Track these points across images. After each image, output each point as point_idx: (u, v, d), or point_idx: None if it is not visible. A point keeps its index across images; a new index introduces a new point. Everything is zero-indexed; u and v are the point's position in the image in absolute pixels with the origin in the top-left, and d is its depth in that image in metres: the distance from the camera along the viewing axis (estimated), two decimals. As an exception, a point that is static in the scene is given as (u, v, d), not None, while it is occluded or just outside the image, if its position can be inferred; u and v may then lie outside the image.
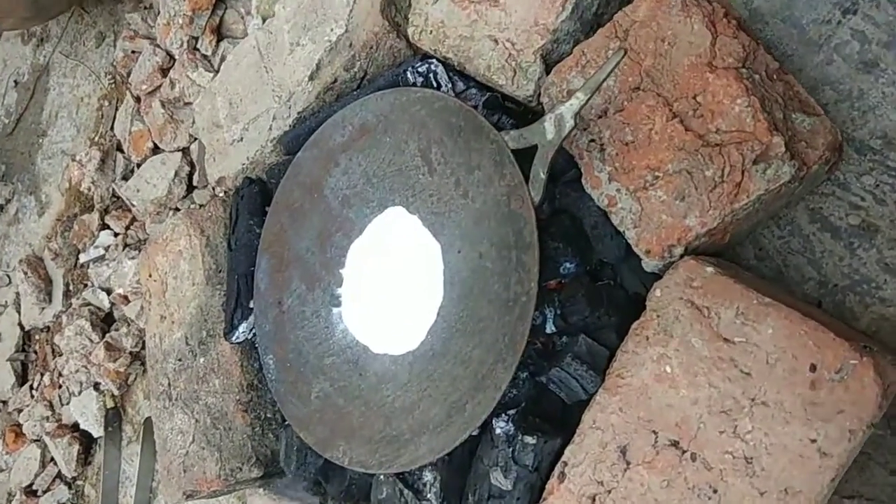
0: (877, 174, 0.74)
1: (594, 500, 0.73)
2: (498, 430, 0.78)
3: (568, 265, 0.78)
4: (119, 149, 1.61)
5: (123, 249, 1.54)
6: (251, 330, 1.07)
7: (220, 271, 1.15)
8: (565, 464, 0.75)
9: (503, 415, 0.79)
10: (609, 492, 0.72)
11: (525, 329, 0.75)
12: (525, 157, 0.79)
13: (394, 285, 0.91)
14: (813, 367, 0.63)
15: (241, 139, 1.16)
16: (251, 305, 1.06)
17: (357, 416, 0.90)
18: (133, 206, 1.51)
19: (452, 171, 0.87)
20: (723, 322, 0.67)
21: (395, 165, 0.93)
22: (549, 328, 0.80)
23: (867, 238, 0.74)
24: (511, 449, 0.77)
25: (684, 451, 0.68)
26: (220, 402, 1.10)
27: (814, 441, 0.62)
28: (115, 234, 1.58)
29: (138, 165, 1.53)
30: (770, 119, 0.69)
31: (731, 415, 0.66)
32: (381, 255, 0.93)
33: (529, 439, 0.75)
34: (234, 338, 1.07)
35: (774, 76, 0.72)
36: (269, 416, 1.09)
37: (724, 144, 0.70)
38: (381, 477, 0.88)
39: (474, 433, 0.79)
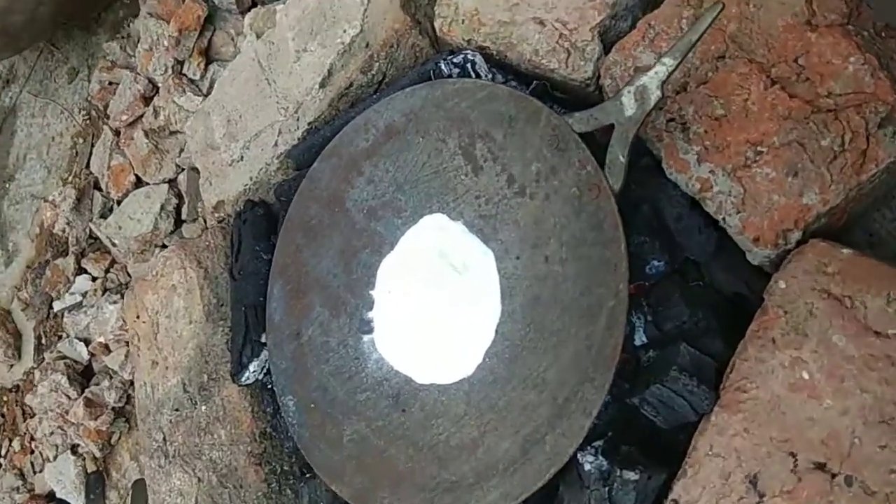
0: None
1: (718, 543, 0.57)
2: (587, 466, 0.62)
3: (656, 263, 0.64)
4: (97, 186, 1.42)
5: (103, 294, 1.34)
6: (264, 368, 0.90)
7: (221, 305, 0.98)
8: (676, 502, 0.60)
9: (589, 447, 0.64)
10: (737, 532, 0.56)
11: (618, 339, 0.60)
12: (591, 142, 0.66)
13: (437, 304, 0.75)
14: None
15: (242, 158, 1.01)
16: (263, 340, 0.88)
17: (403, 461, 0.73)
18: (114, 245, 1.32)
19: (504, 168, 0.73)
20: (871, 312, 0.53)
21: (430, 168, 0.79)
22: (639, 339, 0.65)
23: None
24: (607, 488, 0.61)
25: (835, 475, 0.54)
26: (227, 456, 0.91)
27: None
28: (94, 279, 1.38)
29: (118, 202, 1.34)
30: (891, 77, 0.58)
31: (893, 424, 0.52)
32: (419, 270, 0.77)
33: (630, 475, 0.60)
34: (243, 379, 0.89)
35: (883, 34, 0.61)
36: (286, 468, 0.90)
37: (841, 109, 0.58)
38: (438, 532, 0.71)
39: (557, 471, 0.63)
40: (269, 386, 0.90)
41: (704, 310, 0.62)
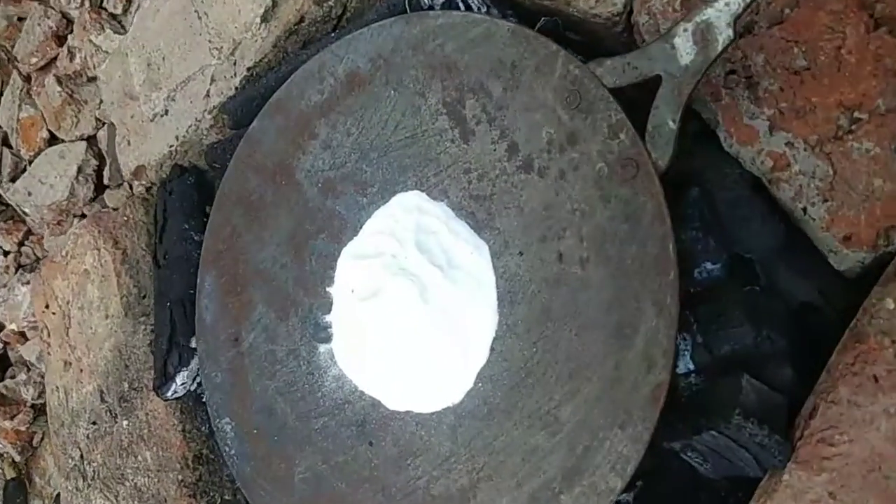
0: None
1: None
2: (615, 534, 0.47)
3: (709, 266, 0.48)
4: (5, 143, 1.20)
5: (16, 272, 1.13)
6: (195, 380, 0.72)
7: (143, 297, 0.79)
8: (733, 584, 0.46)
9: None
10: None
11: (663, 375, 0.44)
12: (625, 101, 0.49)
13: (414, 309, 0.58)
14: None
15: (166, 112, 0.80)
16: (193, 345, 0.71)
17: (370, 509, 0.57)
18: (26, 214, 1.12)
19: (503, 133, 0.55)
20: None
21: (405, 131, 0.60)
22: (683, 366, 0.49)
23: None
24: (642, 564, 0.46)
25: (960, 567, 0.40)
26: (154, 484, 0.74)
27: None
28: (5, 253, 1.17)
29: (30, 162, 1.13)
30: None
31: None
32: (390, 264, 0.60)
33: (674, 550, 0.45)
34: (169, 393, 0.71)
35: None
36: (227, 498, 0.74)
37: (979, 60, 0.43)
38: None
39: (575, 540, 0.48)
40: (204, 399, 0.72)
41: (769, 327, 0.47)
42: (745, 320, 0.46)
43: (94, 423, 0.79)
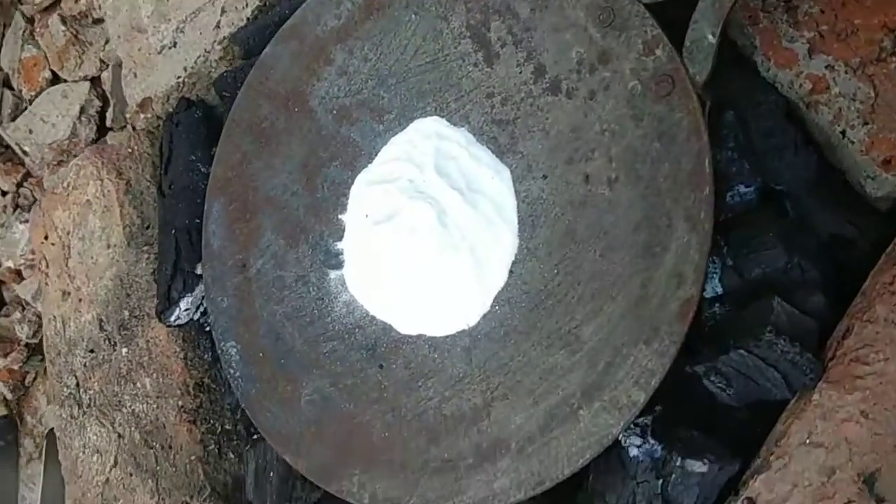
0: None
1: (809, 561, 0.40)
2: (634, 451, 0.43)
3: (742, 189, 0.43)
4: (6, 84, 1.10)
5: (14, 212, 1.04)
6: (199, 307, 0.66)
7: (147, 227, 0.72)
8: (752, 501, 0.42)
9: (633, 426, 0.44)
10: (840, 549, 0.39)
11: (694, 291, 0.40)
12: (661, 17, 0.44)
13: (430, 234, 0.53)
14: None
15: (174, 44, 0.73)
16: (199, 271, 0.64)
17: (379, 430, 0.51)
18: (25, 154, 1.02)
19: (530, 55, 0.49)
20: None
21: (425, 56, 0.54)
22: (711, 290, 0.45)
23: None
24: (661, 480, 0.42)
25: None
26: (153, 410, 0.67)
27: None
28: (3, 193, 1.08)
29: (31, 102, 1.03)
30: None
31: None
32: (406, 190, 0.55)
33: (696, 465, 0.41)
34: (172, 318, 0.64)
35: None
36: (227, 427, 0.68)
37: None
38: (422, 523, 0.51)
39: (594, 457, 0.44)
40: (207, 328, 0.66)
41: (800, 255, 0.43)
42: (777, 243, 0.41)
43: (91, 351, 0.71)
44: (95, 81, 0.97)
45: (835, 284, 0.42)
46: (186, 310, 0.64)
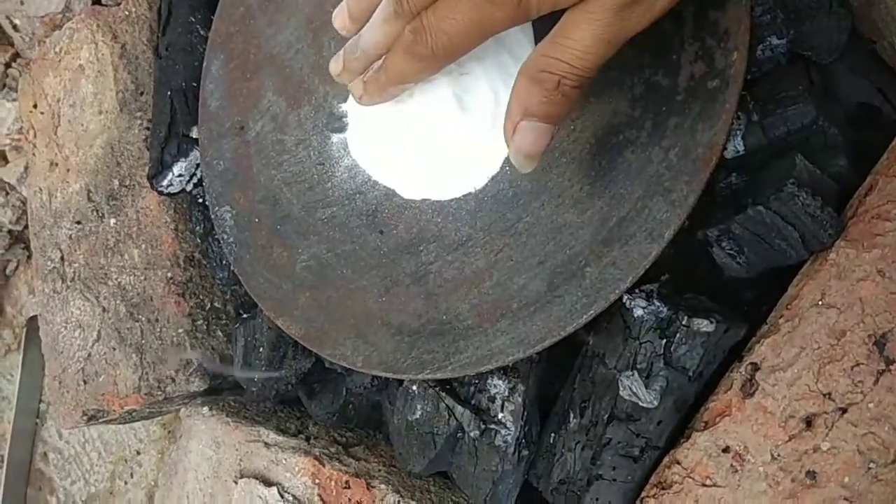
0: None
1: (811, 423, 0.41)
2: (639, 312, 0.43)
3: (775, 42, 0.43)
4: (-6, -44, 1.09)
5: (1, 91, 1.05)
6: (193, 176, 0.66)
7: (141, 93, 0.72)
8: (756, 367, 0.42)
9: (637, 290, 0.45)
10: (844, 410, 0.40)
11: (718, 135, 0.40)
12: None
13: (439, 95, 0.53)
14: None
15: None
16: (194, 134, 0.64)
17: (376, 294, 0.52)
18: (16, 29, 1.01)
19: None
20: None
21: None
22: (734, 148, 0.45)
23: None
24: (664, 341, 0.43)
25: None
26: (140, 283, 0.69)
27: None
28: (-11, 74, 1.08)
29: (21, -25, 1.02)
30: None
31: None
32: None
33: (702, 325, 0.41)
34: (164, 184, 0.65)
35: None
36: (216, 305, 0.69)
37: None
38: (414, 388, 0.53)
39: (598, 313, 0.45)
40: (201, 200, 0.67)
41: (826, 118, 0.43)
42: (807, 97, 0.41)
43: (78, 222, 0.72)
44: (91, -47, 0.96)
45: (857, 153, 0.42)
46: (179, 176, 0.65)
